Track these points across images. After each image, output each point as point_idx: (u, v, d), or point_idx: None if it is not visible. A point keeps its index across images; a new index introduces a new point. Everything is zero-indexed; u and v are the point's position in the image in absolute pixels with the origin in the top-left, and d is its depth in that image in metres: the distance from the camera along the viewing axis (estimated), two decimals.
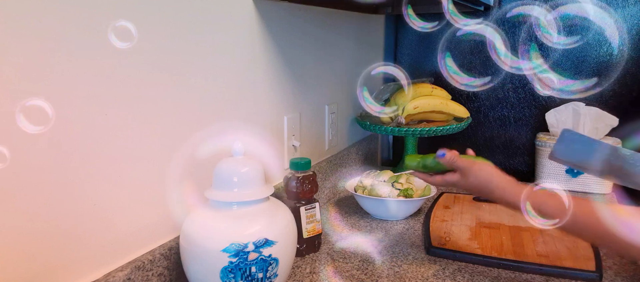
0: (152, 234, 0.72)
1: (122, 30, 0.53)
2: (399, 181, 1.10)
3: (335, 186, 1.29)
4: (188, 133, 0.78)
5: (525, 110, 1.47)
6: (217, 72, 0.83)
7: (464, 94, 1.54)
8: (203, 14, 0.79)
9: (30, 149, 0.54)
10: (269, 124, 1.01)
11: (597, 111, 1.32)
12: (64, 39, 0.56)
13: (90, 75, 0.60)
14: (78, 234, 0.61)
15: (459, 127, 1.32)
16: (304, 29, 1.11)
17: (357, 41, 1.42)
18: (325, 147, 1.28)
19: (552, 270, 0.83)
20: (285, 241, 0.70)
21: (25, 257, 0.55)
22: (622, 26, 1.32)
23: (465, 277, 0.83)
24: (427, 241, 0.95)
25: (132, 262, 0.67)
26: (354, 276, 0.84)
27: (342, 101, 1.35)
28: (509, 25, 1.44)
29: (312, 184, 0.91)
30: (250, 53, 0.92)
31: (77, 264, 0.61)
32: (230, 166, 0.70)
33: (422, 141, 1.60)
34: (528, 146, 1.47)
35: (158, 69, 0.71)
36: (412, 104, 1.32)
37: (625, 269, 0.85)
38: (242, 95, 0.91)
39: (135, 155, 0.68)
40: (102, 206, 0.64)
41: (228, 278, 0.65)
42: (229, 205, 0.69)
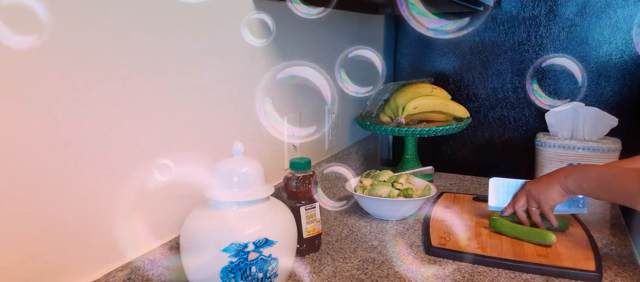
0: (152, 234, 0.72)
1: None
2: (399, 181, 1.10)
3: (335, 186, 1.29)
4: (188, 133, 0.78)
5: (525, 110, 1.47)
6: (217, 72, 0.83)
7: (464, 94, 1.54)
8: (203, 14, 0.79)
9: (30, 149, 0.54)
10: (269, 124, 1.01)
11: (597, 111, 1.31)
12: (64, 38, 0.56)
13: (90, 75, 0.60)
14: (78, 234, 0.61)
15: (459, 127, 1.32)
16: (304, 29, 1.11)
17: (357, 41, 1.42)
18: (325, 147, 1.28)
19: (552, 270, 0.83)
20: (285, 241, 0.70)
21: (26, 257, 0.55)
22: (622, 26, 1.32)
23: (465, 277, 0.83)
24: (427, 241, 0.95)
25: (132, 262, 0.67)
26: (354, 276, 0.84)
27: (342, 101, 1.35)
28: (508, 25, 1.44)
29: (312, 184, 0.91)
30: (250, 53, 0.92)
31: (77, 264, 0.61)
32: (230, 166, 0.70)
33: (422, 140, 1.60)
34: (528, 145, 1.47)
35: (158, 69, 0.71)
36: (412, 104, 1.32)
37: (625, 269, 0.85)
38: (242, 95, 0.91)
39: (135, 154, 0.68)
40: (102, 205, 0.64)
41: (228, 278, 0.65)
42: (229, 205, 0.69)
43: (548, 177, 0.93)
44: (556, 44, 1.40)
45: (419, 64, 1.60)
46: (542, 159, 1.35)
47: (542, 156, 1.35)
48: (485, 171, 1.52)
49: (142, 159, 0.69)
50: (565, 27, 1.38)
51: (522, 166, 1.49)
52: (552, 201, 0.91)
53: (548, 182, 0.92)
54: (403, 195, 1.07)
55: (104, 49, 0.62)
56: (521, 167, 1.49)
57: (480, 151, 1.54)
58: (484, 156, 1.54)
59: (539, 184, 0.94)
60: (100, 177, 0.63)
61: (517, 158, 1.49)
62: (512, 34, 1.44)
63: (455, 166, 1.57)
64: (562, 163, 1.32)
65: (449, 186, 1.38)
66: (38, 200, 0.55)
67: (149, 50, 0.69)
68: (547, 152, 1.33)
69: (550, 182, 0.92)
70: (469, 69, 1.53)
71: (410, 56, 1.61)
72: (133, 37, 0.66)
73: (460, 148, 1.58)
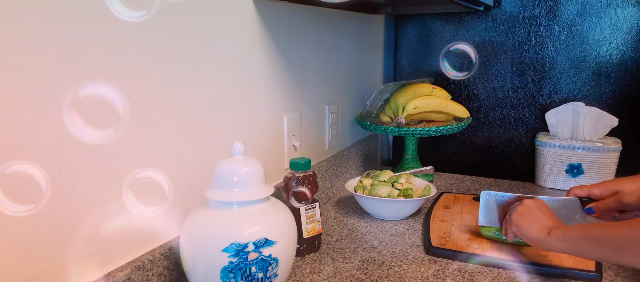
0: (152, 234, 0.72)
1: None
2: (399, 181, 1.10)
3: (335, 186, 1.29)
4: (188, 133, 0.78)
5: (525, 110, 1.47)
6: (216, 72, 0.83)
7: (464, 94, 1.54)
8: (203, 14, 0.79)
9: (30, 149, 0.54)
10: (269, 124, 1.01)
11: (597, 111, 1.32)
12: (64, 39, 0.56)
13: (90, 75, 0.60)
14: (78, 234, 0.61)
15: (459, 127, 1.32)
16: (304, 29, 1.11)
17: (357, 41, 1.42)
18: (325, 147, 1.28)
19: (552, 270, 0.83)
20: (285, 241, 0.70)
21: (25, 257, 0.55)
22: (622, 26, 1.32)
23: (465, 277, 0.83)
24: (427, 241, 0.95)
25: (132, 262, 0.67)
26: (354, 276, 0.84)
27: (342, 101, 1.35)
28: (508, 25, 1.44)
29: (312, 184, 0.91)
30: (250, 53, 0.92)
31: (77, 264, 0.61)
32: (230, 166, 0.70)
33: (422, 140, 1.60)
34: (528, 146, 1.47)
35: (157, 69, 0.71)
36: (412, 104, 1.32)
37: (625, 269, 0.85)
38: (242, 95, 0.91)
39: (135, 154, 0.68)
40: (102, 205, 0.64)
41: (228, 278, 0.65)
42: (229, 205, 0.69)
43: (531, 221, 0.79)
44: (556, 44, 1.40)
45: (419, 64, 1.60)
46: (542, 159, 1.35)
47: (542, 156, 1.35)
48: (485, 171, 1.52)
49: (142, 159, 0.69)
50: (565, 27, 1.38)
51: (522, 166, 1.50)
52: (528, 241, 0.80)
53: (531, 226, 0.79)
54: (403, 195, 1.07)
55: (104, 48, 0.61)
56: (521, 167, 1.50)
57: (480, 151, 1.54)
58: (484, 156, 1.54)
59: (523, 224, 0.81)
60: (100, 177, 0.63)
61: (517, 158, 1.49)
62: (512, 34, 1.44)
63: (455, 166, 1.57)
64: (562, 163, 1.32)
65: (449, 186, 1.38)
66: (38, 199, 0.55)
67: (149, 50, 0.69)
68: (547, 152, 1.34)
69: (534, 230, 0.78)
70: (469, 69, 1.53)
71: (410, 56, 1.61)
72: (133, 36, 0.66)
73: (460, 148, 1.58)
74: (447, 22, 1.53)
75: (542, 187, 1.37)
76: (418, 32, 1.58)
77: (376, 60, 1.61)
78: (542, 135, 1.37)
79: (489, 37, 1.47)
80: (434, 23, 1.55)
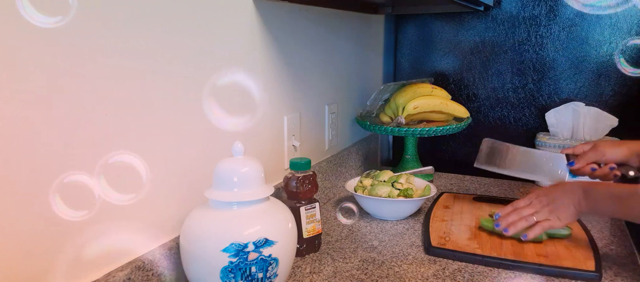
0: (152, 234, 0.72)
1: None
2: (399, 181, 1.10)
3: (335, 186, 1.29)
4: (188, 133, 0.78)
5: (525, 110, 1.47)
6: (216, 72, 0.83)
7: (464, 94, 1.54)
8: (202, 13, 0.79)
9: (30, 148, 0.54)
10: (269, 124, 1.01)
11: (597, 111, 1.32)
12: (65, 39, 0.56)
13: (89, 75, 0.60)
14: (78, 233, 0.61)
15: (459, 127, 1.32)
16: (304, 29, 1.11)
17: (357, 41, 1.42)
18: (325, 147, 1.28)
19: (552, 270, 0.83)
20: (285, 241, 0.70)
21: (25, 257, 0.55)
22: (622, 26, 1.32)
23: (465, 277, 0.83)
24: (427, 241, 0.95)
25: (132, 262, 0.67)
26: (354, 276, 0.84)
27: (342, 101, 1.35)
28: (508, 25, 1.44)
29: (312, 184, 0.91)
30: (250, 53, 0.92)
31: (77, 264, 0.61)
32: (230, 166, 0.70)
33: (422, 140, 1.60)
34: (528, 146, 1.47)
35: (157, 69, 0.71)
36: (412, 104, 1.32)
37: (625, 269, 0.85)
38: (242, 95, 0.91)
39: (135, 154, 0.68)
40: (102, 205, 0.64)
41: (228, 278, 0.65)
42: (229, 205, 0.69)
43: (563, 194, 0.88)
44: (556, 44, 1.40)
45: (419, 64, 1.60)
46: None
47: None
48: (485, 171, 1.52)
49: (141, 159, 0.69)
50: (565, 27, 1.38)
51: None
52: (565, 220, 0.87)
53: (563, 198, 0.88)
54: (403, 195, 1.07)
55: (103, 48, 0.61)
56: None
57: None
58: None
59: (555, 199, 0.89)
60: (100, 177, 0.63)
61: None
62: (512, 34, 1.44)
63: (455, 166, 1.57)
64: None
65: (449, 186, 1.38)
66: (38, 199, 0.55)
67: (150, 49, 0.69)
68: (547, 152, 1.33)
69: (566, 200, 0.87)
70: (469, 69, 1.53)
71: (410, 56, 1.61)
72: (132, 35, 0.66)
73: (460, 148, 1.58)
74: (447, 22, 1.53)
75: (542, 187, 1.37)
76: (418, 32, 1.58)
77: (376, 60, 1.61)
78: (542, 135, 1.37)
79: (489, 37, 1.47)
80: (434, 23, 1.55)
